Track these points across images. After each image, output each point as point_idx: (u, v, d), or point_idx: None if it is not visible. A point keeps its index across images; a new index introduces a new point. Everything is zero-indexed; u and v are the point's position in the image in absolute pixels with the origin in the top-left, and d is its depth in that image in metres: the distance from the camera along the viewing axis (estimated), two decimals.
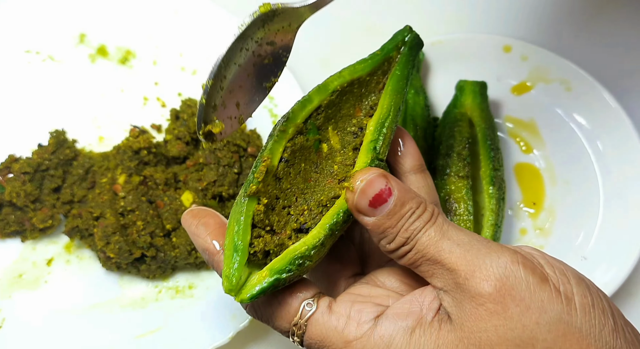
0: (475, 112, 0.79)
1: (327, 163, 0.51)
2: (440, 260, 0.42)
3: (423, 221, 0.44)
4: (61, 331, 0.71)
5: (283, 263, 0.45)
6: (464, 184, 0.73)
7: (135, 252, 0.71)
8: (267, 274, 0.45)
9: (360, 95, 0.53)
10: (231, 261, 0.45)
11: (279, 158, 0.49)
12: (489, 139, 0.78)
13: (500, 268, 0.40)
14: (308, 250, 0.46)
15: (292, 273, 0.45)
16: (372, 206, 0.44)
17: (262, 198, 0.48)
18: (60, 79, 0.84)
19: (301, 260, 0.45)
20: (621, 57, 0.89)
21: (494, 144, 0.78)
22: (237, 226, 0.46)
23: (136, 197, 0.73)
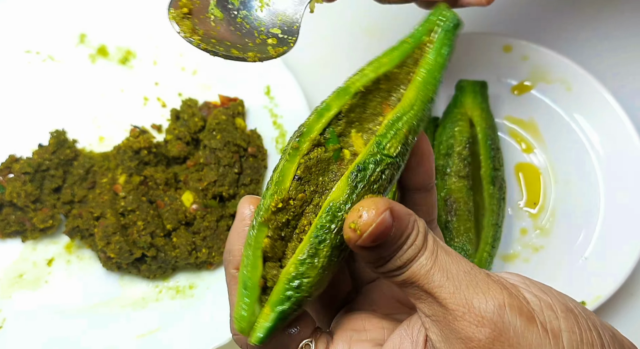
0: (475, 112, 0.79)
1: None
2: (431, 292, 0.41)
3: (417, 248, 0.41)
4: (61, 331, 0.71)
5: (279, 292, 0.41)
6: (464, 184, 0.73)
7: (136, 253, 0.71)
8: (268, 311, 0.41)
9: (389, 89, 0.46)
10: (241, 299, 0.42)
11: (290, 179, 0.43)
12: (489, 138, 0.78)
13: (489, 312, 0.39)
14: (297, 267, 0.40)
15: (294, 300, 0.41)
16: (373, 243, 0.40)
17: (270, 228, 0.43)
18: (61, 79, 0.84)
19: (296, 281, 0.40)
20: (621, 57, 0.89)
21: (494, 144, 0.78)
22: (246, 260, 0.42)
23: (136, 197, 0.73)
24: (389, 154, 0.43)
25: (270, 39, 0.48)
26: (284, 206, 0.43)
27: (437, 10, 0.46)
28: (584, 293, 0.72)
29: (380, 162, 0.42)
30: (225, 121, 0.78)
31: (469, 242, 0.68)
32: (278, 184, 0.43)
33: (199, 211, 0.75)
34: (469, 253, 0.67)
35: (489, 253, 0.69)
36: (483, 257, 0.68)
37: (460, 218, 0.71)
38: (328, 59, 0.91)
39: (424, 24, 0.46)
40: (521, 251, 0.77)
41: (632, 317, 0.76)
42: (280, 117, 0.81)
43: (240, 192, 0.76)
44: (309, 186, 0.44)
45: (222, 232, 0.75)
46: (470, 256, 0.67)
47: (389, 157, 0.43)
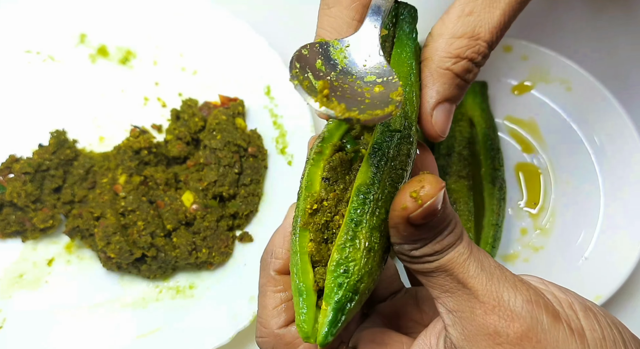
0: (475, 112, 0.79)
1: None
2: (464, 281, 0.41)
3: (456, 236, 0.42)
4: (61, 331, 0.71)
5: (329, 282, 0.40)
6: (464, 184, 0.73)
7: (136, 253, 0.71)
8: (325, 306, 0.40)
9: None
10: (299, 306, 0.42)
11: (319, 181, 0.45)
12: (489, 139, 0.78)
13: (518, 307, 0.39)
14: (339, 252, 0.41)
15: (346, 287, 0.40)
16: (425, 219, 0.40)
17: (310, 231, 0.44)
18: (61, 79, 0.84)
19: (342, 266, 0.41)
20: (621, 57, 0.89)
21: (494, 144, 0.78)
22: (295, 267, 0.43)
23: (137, 198, 0.73)
24: (396, 129, 0.46)
25: (376, 87, 0.46)
26: (319, 208, 0.44)
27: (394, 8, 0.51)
28: (584, 293, 0.71)
29: (392, 137, 0.45)
30: (225, 121, 0.78)
31: None
32: (308, 188, 0.45)
33: (199, 211, 0.75)
34: None
35: (488, 253, 0.69)
36: None
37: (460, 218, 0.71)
38: None
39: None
40: (521, 251, 0.77)
41: (632, 317, 0.76)
42: (280, 117, 0.81)
43: (240, 192, 0.76)
44: (337, 185, 0.45)
45: (222, 232, 0.75)
46: None
47: (397, 131, 0.45)
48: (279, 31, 0.90)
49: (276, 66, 0.83)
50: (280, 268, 0.46)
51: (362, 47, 0.49)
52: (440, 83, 0.51)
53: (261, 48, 0.84)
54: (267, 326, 0.45)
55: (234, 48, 0.85)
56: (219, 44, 0.86)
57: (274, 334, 0.45)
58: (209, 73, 0.86)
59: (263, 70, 0.84)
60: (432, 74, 0.51)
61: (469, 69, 0.52)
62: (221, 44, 0.86)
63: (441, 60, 0.51)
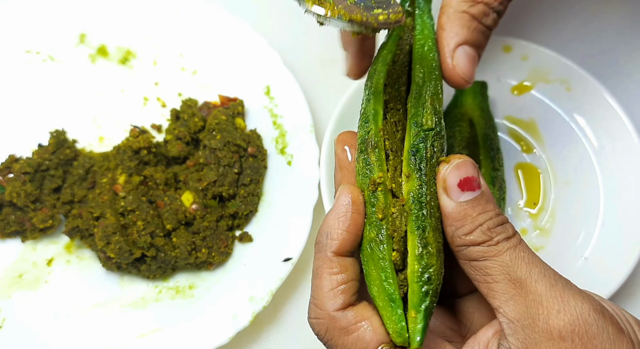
0: (475, 112, 0.79)
1: None
2: (527, 285, 0.41)
3: (509, 233, 0.43)
4: (61, 331, 0.71)
5: (416, 292, 0.44)
6: None
7: (136, 253, 0.71)
8: (414, 313, 0.44)
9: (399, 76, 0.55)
10: (392, 314, 0.44)
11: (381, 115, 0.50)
12: (489, 139, 0.77)
13: (584, 314, 0.39)
14: (419, 262, 0.45)
15: (431, 293, 0.44)
16: (460, 187, 0.43)
17: (395, 243, 0.46)
18: (60, 79, 0.85)
19: (426, 275, 0.44)
20: (621, 57, 0.89)
21: (494, 144, 0.78)
22: (383, 274, 0.45)
23: (136, 197, 0.73)
24: (429, 127, 0.49)
25: (380, 16, 0.49)
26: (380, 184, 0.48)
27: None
28: None
29: (426, 137, 0.49)
30: (225, 121, 0.78)
31: None
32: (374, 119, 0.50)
33: (198, 211, 0.75)
34: None
35: None
36: None
37: None
38: (328, 59, 0.91)
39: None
40: None
41: None
42: (280, 117, 0.81)
43: (240, 192, 0.76)
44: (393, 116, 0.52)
45: (222, 232, 0.75)
46: None
47: (430, 129, 0.49)
48: (279, 31, 0.90)
49: (276, 66, 0.83)
50: (337, 249, 0.46)
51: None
52: (458, 25, 0.55)
53: (261, 48, 0.84)
54: (322, 308, 0.45)
55: (234, 48, 0.85)
56: (218, 44, 0.86)
57: (330, 316, 0.44)
58: (208, 73, 0.86)
59: (263, 70, 0.84)
60: (449, 18, 0.55)
61: (485, 12, 0.55)
62: (221, 44, 0.86)
63: (458, 4, 0.55)
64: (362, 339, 0.43)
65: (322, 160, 0.75)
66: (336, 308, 0.44)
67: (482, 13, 0.55)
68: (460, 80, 0.55)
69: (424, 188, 0.47)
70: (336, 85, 0.85)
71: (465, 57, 0.55)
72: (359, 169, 0.50)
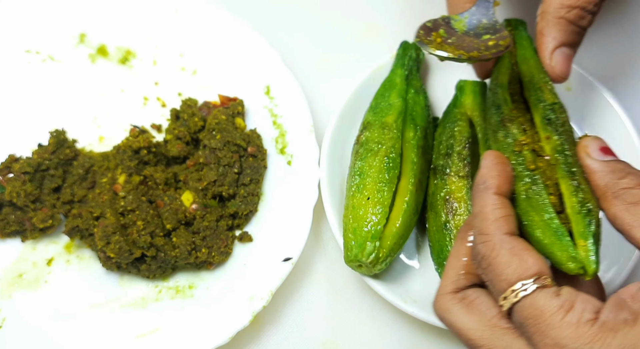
0: (475, 112, 0.79)
1: None
2: None
3: None
4: (61, 331, 0.71)
5: (580, 221, 0.51)
6: (464, 184, 0.72)
7: (136, 252, 0.71)
8: (583, 242, 0.50)
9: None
10: (562, 245, 0.50)
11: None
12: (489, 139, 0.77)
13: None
14: (577, 195, 0.52)
15: (595, 222, 0.51)
16: (602, 151, 0.51)
17: (550, 188, 0.54)
18: (60, 79, 0.85)
19: (585, 208, 0.51)
20: (621, 57, 0.89)
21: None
22: (546, 214, 0.52)
23: (136, 197, 0.73)
24: (552, 101, 0.63)
25: (490, 41, 0.61)
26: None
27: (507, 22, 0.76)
28: None
29: (553, 109, 0.62)
30: (225, 121, 0.78)
31: None
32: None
33: (198, 210, 0.75)
34: None
35: None
36: None
37: (460, 218, 0.71)
38: (328, 59, 0.91)
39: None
40: None
41: None
42: (280, 117, 0.81)
43: (240, 192, 0.76)
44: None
45: (222, 232, 0.75)
46: None
47: (554, 103, 0.62)
48: (279, 31, 0.90)
49: (276, 66, 0.83)
50: (496, 189, 0.50)
51: (478, 16, 0.64)
52: (556, 30, 0.62)
53: (261, 48, 0.84)
54: (489, 232, 0.47)
55: (234, 48, 0.85)
56: (218, 43, 0.86)
57: (499, 237, 0.47)
58: (208, 73, 0.86)
59: (263, 70, 0.84)
60: (548, 24, 0.63)
61: (581, 16, 0.62)
62: (221, 43, 0.86)
63: (556, 11, 0.62)
64: (525, 262, 0.45)
65: (322, 160, 0.76)
66: (505, 232, 0.47)
67: (578, 17, 0.62)
68: (558, 78, 0.64)
69: (565, 145, 0.57)
70: (336, 85, 0.85)
71: (561, 57, 0.63)
72: (499, 145, 0.60)
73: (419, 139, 0.74)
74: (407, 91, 0.78)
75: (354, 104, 0.80)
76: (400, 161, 0.72)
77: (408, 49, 0.82)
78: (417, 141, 0.74)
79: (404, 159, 0.72)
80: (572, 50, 0.64)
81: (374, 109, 0.76)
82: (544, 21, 0.63)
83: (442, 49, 0.59)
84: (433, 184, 0.73)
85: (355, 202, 0.68)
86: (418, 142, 0.74)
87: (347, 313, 0.75)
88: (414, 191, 0.70)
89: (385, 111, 0.75)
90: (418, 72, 0.83)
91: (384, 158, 0.70)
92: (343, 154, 0.78)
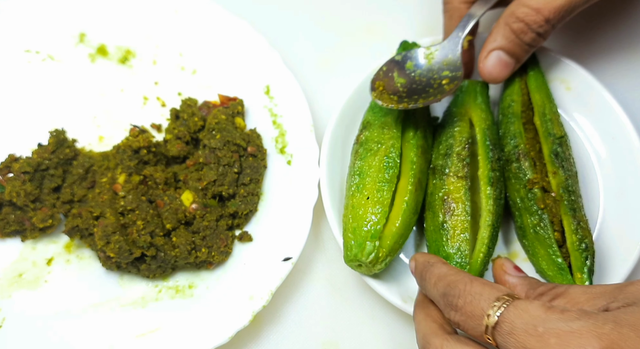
0: (475, 112, 0.79)
1: None
2: None
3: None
4: (61, 331, 0.71)
5: (579, 259, 0.65)
6: (463, 184, 0.72)
7: (135, 252, 0.71)
8: (580, 275, 0.65)
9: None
10: (563, 279, 0.65)
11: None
12: (489, 139, 0.77)
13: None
14: (575, 234, 0.67)
15: (589, 257, 0.65)
16: (516, 269, 0.64)
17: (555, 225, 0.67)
18: (60, 78, 0.85)
19: (583, 244, 0.66)
20: (621, 57, 0.89)
21: (493, 145, 0.78)
22: (550, 250, 0.66)
23: (136, 197, 0.73)
24: (560, 135, 0.72)
25: (444, 80, 0.69)
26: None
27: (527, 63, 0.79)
28: None
29: (561, 143, 0.71)
30: (224, 121, 0.78)
31: (465, 242, 0.68)
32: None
33: (198, 210, 0.75)
34: (464, 254, 0.67)
35: (484, 254, 0.69)
36: (479, 258, 0.69)
37: (457, 219, 0.71)
38: (328, 59, 0.91)
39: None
40: (521, 251, 0.77)
41: None
42: (280, 117, 0.81)
43: (240, 192, 0.76)
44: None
45: (222, 231, 0.75)
46: (467, 256, 0.67)
47: (561, 137, 0.71)
48: (279, 30, 0.90)
49: (276, 66, 0.83)
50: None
51: (447, 50, 0.71)
52: (499, 34, 0.69)
53: (261, 47, 0.84)
54: (454, 272, 0.55)
55: (234, 47, 0.85)
56: (218, 43, 0.86)
57: (469, 277, 0.54)
58: (208, 72, 0.86)
59: (263, 69, 0.84)
60: (496, 27, 0.70)
61: (524, 30, 0.68)
62: (221, 43, 0.86)
63: (506, 17, 0.69)
64: (494, 287, 0.51)
65: (322, 160, 0.75)
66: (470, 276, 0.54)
67: (521, 30, 0.68)
68: (486, 78, 0.71)
69: (569, 180, 0.68)
70: (336, 85, 0.85)
71: (496, 60, 0.70)
72: (514, 177, 0.71)
73: (418, 138, 0.74)
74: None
75: (354, 103, 0.80)
76: (400, 160, 0.72)
77: (408, 49, 0.82)
78: (417, 141, 0.74)
79: (403, 158, 0.72)
80: (510, 58, 0.71)
81: (373, 109, 0.76)
82: (496, 23, 0.70)
83: (379, 98, 0.70)
84: (432, 184, 0.73)
85: (355, 202, 0.68)
86: (418, 141, 0.74)
87: (347, 312, 0.75)
88: (413, 191, 0.70)
89: (385, 111, 0.75)
90: None
91: (383, 158, 0.70)
92: (343, 154, 0.79)
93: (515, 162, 0.71)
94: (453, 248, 0.67)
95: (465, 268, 0.66)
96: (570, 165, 0.70)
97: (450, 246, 0.67)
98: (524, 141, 0.72)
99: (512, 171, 0.72)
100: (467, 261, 0.66)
